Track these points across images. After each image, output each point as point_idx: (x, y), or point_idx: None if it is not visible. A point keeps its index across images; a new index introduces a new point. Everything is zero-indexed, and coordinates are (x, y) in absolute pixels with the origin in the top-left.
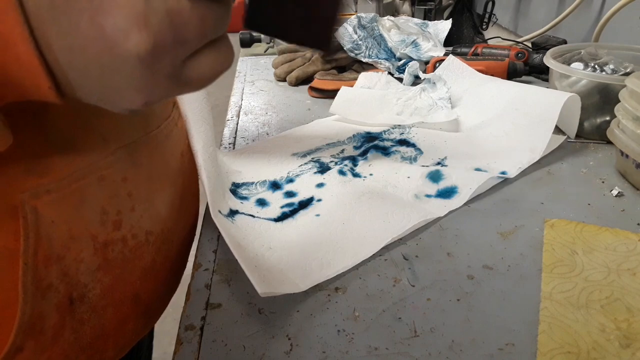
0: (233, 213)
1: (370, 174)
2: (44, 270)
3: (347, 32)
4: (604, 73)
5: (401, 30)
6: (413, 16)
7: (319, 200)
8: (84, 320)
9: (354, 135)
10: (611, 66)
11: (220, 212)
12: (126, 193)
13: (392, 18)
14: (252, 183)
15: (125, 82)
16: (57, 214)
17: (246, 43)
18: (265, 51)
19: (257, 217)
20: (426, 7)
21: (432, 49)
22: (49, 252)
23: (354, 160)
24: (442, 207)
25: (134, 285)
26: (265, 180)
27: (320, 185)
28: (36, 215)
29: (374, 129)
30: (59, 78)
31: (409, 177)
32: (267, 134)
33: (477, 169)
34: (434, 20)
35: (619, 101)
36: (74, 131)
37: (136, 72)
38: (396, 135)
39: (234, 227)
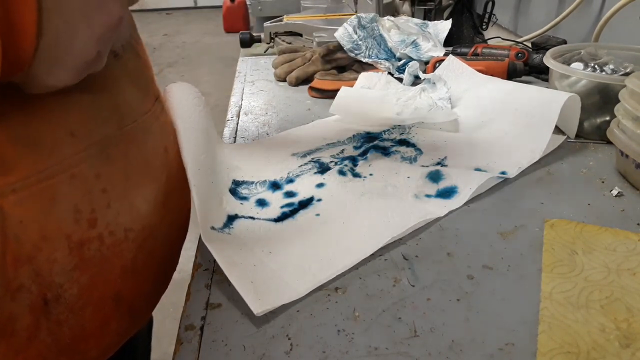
0: (231, 220)
1: (370, 174)
2: (14, 271)
3: (347, 32)
4: (604, 73)
5: (401, 30)
6: (413, 16)
7: (319, 200)
8: (61, 321)
9: (354, 135)
10: (611, 66)
11: (213, 227)
12: (100, 190)
13: (392, 18)
14: (252, 183)
15: (82, 46)
16: (26, 214)
17: (246, 43)
18: (265, 51)
19: (257, 218)
20: (426, 7)
21: (432, 49)
22: (18, 253)
23: (354, 160)
24: (442, 207)
25: (114, 284)
26: (265, 180)
27: (320, 185)
28: (2, 215)
29: (374, 129)
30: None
31: (409, 177)
32: (267, 134)
33: (477, 169)
34: (434, 20)
35: (619, 101)
36: (38, 127)
37: (97, 39)
38: (396, 135)
39: (230, 240)
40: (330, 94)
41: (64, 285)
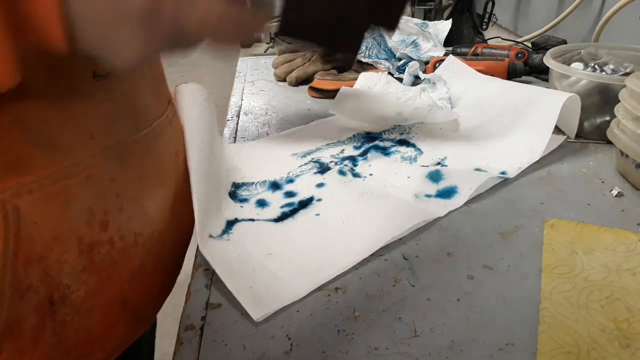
0: (230, 225)
1: (370, 174)
2: (24, 271)
3: None
4: (604, 73)
5: (401, 30)
6: (413, 16)
7: (319, 200)
8: (66, 322)
9: (354, 135)
10: (611, 66)
11: (211, 235)
12: (114, 193)
13: None
14: (252, 183)
15: (125, 40)
16: (41, 214)
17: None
18: (265, 51)
19: (257, 219)
20: (426, 7)
21: (432, 49)
22: (30, 253)
23: (354, 160)
24: (442, 207)
25: (121, 288)
26: (265, 181)
27: (320, 185)
28: (17, 215)
29: (374, 129)
30: (69, 27)
31: (409, 177)
32: (267, 134)
33: (477, 169)
34: (434, 20)
35: (619, 101)
36: (57, 128)
37: (134, 30)
38: (396, 135)
39: (228, 246)
40: (330, 94)
41: (71, 287)
